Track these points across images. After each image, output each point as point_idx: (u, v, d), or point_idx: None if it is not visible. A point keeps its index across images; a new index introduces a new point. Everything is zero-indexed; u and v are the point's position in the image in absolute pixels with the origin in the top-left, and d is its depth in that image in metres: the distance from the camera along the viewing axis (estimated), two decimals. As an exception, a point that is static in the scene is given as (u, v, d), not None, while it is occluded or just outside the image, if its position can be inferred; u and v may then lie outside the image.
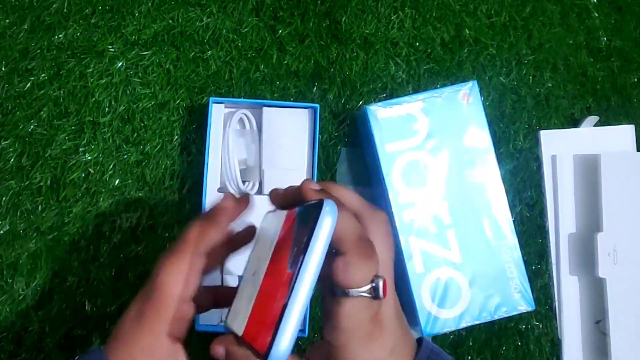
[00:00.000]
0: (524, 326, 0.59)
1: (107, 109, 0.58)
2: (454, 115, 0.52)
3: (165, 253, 0.32)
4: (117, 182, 0.57)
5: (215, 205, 0.34)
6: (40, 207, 0.57)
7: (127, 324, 0.32)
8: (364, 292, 0.29)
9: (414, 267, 0.50)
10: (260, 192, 0.56)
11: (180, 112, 0.59)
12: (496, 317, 0.50)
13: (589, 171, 0.59)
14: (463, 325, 0.50)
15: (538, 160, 0.62)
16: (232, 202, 0.35)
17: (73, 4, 0.60)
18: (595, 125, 0.62)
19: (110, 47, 0.59)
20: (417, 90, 0.61)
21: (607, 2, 0.65)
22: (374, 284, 0.29)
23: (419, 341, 0.33)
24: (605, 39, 0.64)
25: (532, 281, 0.57)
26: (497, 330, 0.58)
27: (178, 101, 0.59)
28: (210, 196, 0.54)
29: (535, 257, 0.60)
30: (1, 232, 0.56)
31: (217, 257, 0.35)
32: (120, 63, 0.59)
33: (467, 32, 0.62)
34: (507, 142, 0.61)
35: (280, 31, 0.61)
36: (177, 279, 0.31)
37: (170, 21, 0.60)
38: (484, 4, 0.63)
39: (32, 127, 0.58)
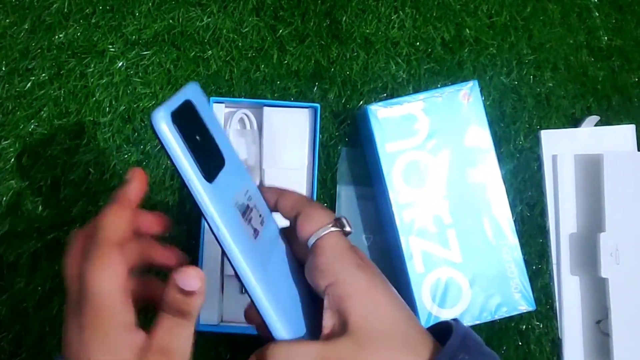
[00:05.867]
0: (524, 326, 0.58)
1: (107, 108, 0.58)
2: (454, 115, 0.52)
3: (88, 254, 0.29)
4: (117, 182, 0.57)
5: (123, 186, 0.32)
6: (40, 207, 0.57)
7: (73, 345, 0.29)
8: (331, 227, 0.30)
9: (414, 267, 0.50)
10: (260, 191, 0.56)
11: (181, 111, 0.59)
12: (497, 317, 0.50)
13: (590, 171, 0.59)
14: (464, 325, 0.50)
15: (539, 160, 0.62)
16: (140, 176, 0.32)
17: (73, 4, 0.60)
18: (596, 125, 0.62)
19: (110, 46, 0.59)
20: (417, 90, 0.61)
21: (608, 1, 0.65)
22: (336, 220, 0.31)
23: (454, 322, 0.31)
24: (606, 38, 0.64)
25: (532, 281, 0.57)
26: (498, 330, 0.58)
27: (178, 101, 0.59)
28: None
29: (535, 257, 0.60)
30: (1, 232, 0.56)
31: (144, 246, 0.33)
32: (121, 63, 0.59)
33: (468, 31, 0.62)
34: (508, 141, 0.61)
35: (280, 31, 0.61)
36: (112, 286, 0.29)
37: (171, 21, 0.60)
38: (485, 4, 0.63)
39: (32, 126, 0.58)
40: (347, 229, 0.31)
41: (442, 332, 0.30)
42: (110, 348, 0.29)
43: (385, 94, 0.61)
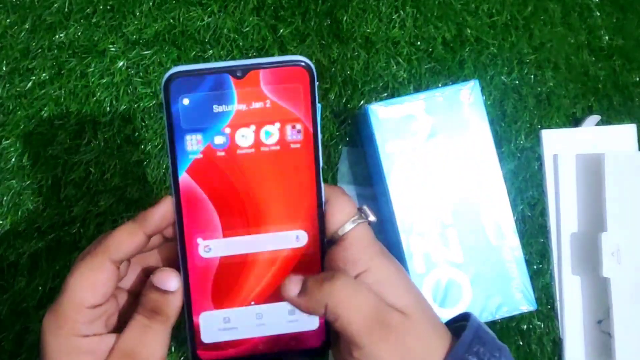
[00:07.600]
0: (525, 326, 0.58)
1: (108, 108, 0.58)
2: (455, 115, 0.52)
3: (83, 254, 0.30)
4: (117, 181, 0.57)
5: (148, 210, 0.30)
6: (40, 206, 0.57)
7: (43, 327, 0.30)
8: (357, 219, 0.31)
9: (415, 267, 0.50)
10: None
11: (181, 111, 0.59)
12: (497, 317, 0.50)
13: (591, 171, 0.59)
14: (464, 325, 0.50)
15: (540, 159, 0.62)
16: (168, 208, 0.30)
17: (74, 4, 0.60)
18: (597, 124, 0.62)
19: (111, 46, 0.59)
20: (418, 89, 0.61)
21: (609, 1, 0.65)
22: (359, 209, 0.32)
23: (466, 316, 0.32)
24: (607, 38, 0.64)
25: (533, 281, 0.57)
26: (499, 330, 0.58)
27: (179, 101, 0.59)
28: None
29: (536, 256, 0.60)
30: (1, 232, 0.56)
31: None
32: (122, 62, 0.59)
33: (469, 31, 0.62)
34: (509, 141, 0.61)
35: (281, 30, 0.61)
36: (85, 286, 0.29)
37: (171, 20, 0.60)
38: (485, 3, 0.63)
39: (33, 126, 0.58)
40: (372, 218, 0.32)
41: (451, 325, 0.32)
42: (65, 354, 0.29)
43: (386, 94, 0.61)
